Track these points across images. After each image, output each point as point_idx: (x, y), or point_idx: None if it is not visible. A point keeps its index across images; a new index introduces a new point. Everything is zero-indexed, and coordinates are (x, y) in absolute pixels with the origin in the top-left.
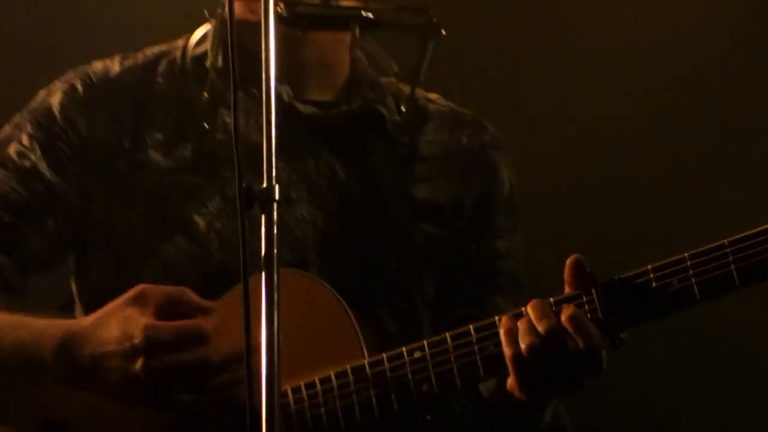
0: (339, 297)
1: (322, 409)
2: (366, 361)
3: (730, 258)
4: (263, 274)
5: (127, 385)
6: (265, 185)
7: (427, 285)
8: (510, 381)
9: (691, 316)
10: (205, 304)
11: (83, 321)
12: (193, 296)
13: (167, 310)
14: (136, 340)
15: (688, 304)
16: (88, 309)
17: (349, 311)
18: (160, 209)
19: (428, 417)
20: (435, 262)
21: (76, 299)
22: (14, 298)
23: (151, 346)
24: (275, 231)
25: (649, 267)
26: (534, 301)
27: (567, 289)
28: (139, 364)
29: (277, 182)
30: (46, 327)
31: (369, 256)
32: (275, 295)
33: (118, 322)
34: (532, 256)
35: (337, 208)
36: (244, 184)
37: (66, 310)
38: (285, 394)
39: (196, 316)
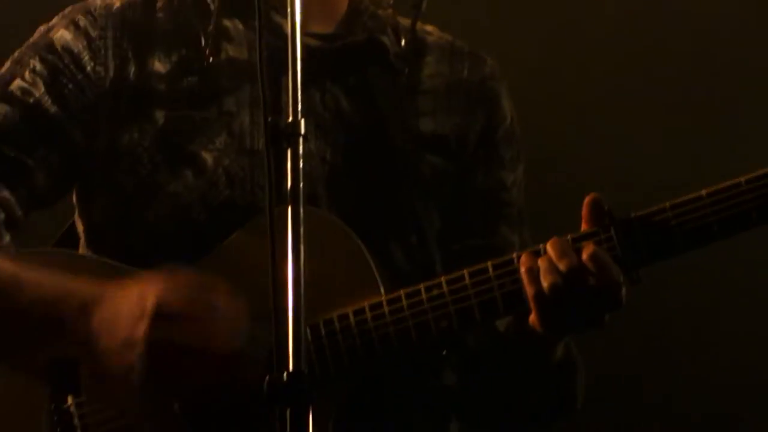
0: (353, 233)
1: (342, 347)
2: (384, 298)
3: (747, 196)
4: (289, 207)
5: (125, 353)
6: (290, 119)
7: (433, 217)
8: (531, 318)
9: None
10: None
11: (108, 286)
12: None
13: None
14: (149, 304)
15: (706, 241)
16: (94, 247)
17: (363, 247)
18: (166, 145)
19: (444, 352)
20: (440, 194)
21: (82, 237)
22: (19, 233)
23: (158, 312)
24: (301, 165)
25: (666, 204)
26: (554, 240)
27: (584, 227)
28: (142, 328)
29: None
30: (71, 289)
31: (377, 189)
32: (301, 229)
33: (139, 287)
34: (546, 194)
35: (343, 140)
36: (269, 119)
37: (62, 246)
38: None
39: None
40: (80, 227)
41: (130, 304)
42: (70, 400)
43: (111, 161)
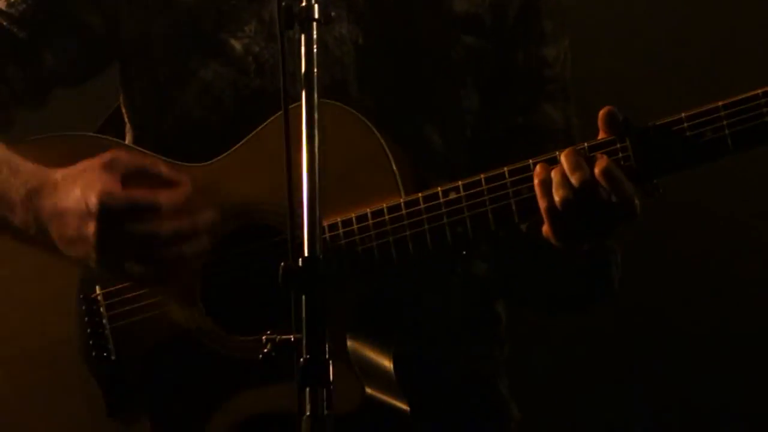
0: (375, 130)
1: (359, 247)
2: (402, 200)
3: (765, 108)
4: (303, 93)
5: (78, 245)
6: (304, 3)
7: (471, 97)
8: (545, 229)
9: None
10: (175, 178)
11: (55, 174)
12: (164, 168)
13: (135, 179)
14: (92, 204)
15: (721, 153)
16: (137, 132)
17: (385, 146)
18: (196, 33)
19: (464, 252)
20: (479, 73)
21: (126, 121)
22: (24, 107)
23: (104, 212)
24: (315, 50)
25: (683, 115)
26: (568, 151)
27: (601, 136)
28: (91, 227)
29: (316, 1)
30: (24, 172)
31: (411, 73)
32: (315, 115)
33: (82, 183)
34: None
35: (375, 23)
36: (283, 3)
37: (110, 127)
38: (322, 229)
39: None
40: (124, 110)
41: (75, 199)
42: (98, 289)
43: (143, 49)
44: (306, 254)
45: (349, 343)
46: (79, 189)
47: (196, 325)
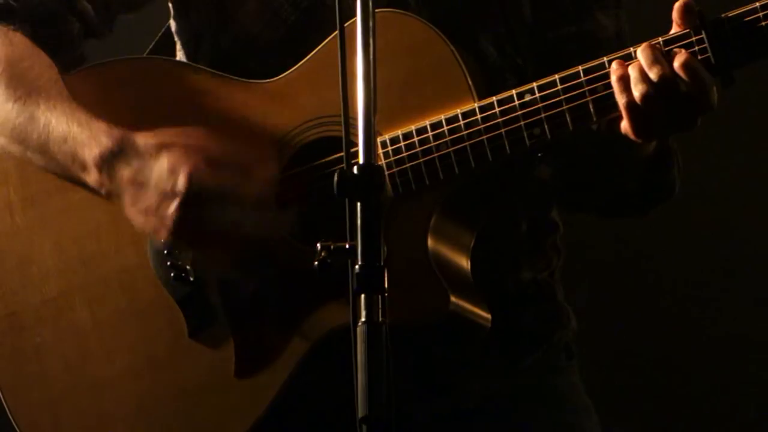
0: (442, 35)
1: (435, 154)
2: (476, 105)
3: None
4: (358, 1)
5: (151, 220)
6: None
7: (524, 8)
8: (624, 125)
9: None
10: (270, 171)
11: (133, 138)
12: (252, 160)
13: (222, 166)
14: (180, 184)
15: None
16: (191, 51)
17: (454, 50)
18: None
19: (539, 155)
20: None
21: (177, 39)
22: (100, 39)
23: (189, 196)
24: None
25: (757, 4)
26: (645, 45)
27: (676, 29)
28: (172, 208)
29: None
30: (97, 130)
31: None
32: (371, 23)
33: (168, 158)
34: None
35: None
36: None
37: (159, 51)
38: (396, 139)
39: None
40: (175, 30)
41: (160, 173)
42: None
43: None
44: (361, 161)
45: (430, 245)
46: (165, 164)
47: (274, 239)
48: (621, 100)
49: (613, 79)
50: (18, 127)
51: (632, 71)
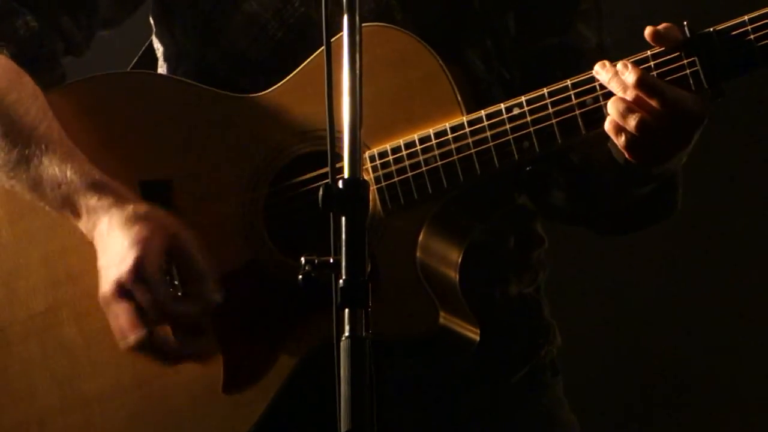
0: (430, 49)
1: (423, 168)
2: (465, 119)
3: None
4: (345, 16)
5: (102, 276)
6: None
7: (508, 21)
8: (617, 151)
9: None
10: (204, 291)
11: (126, 204)
12: (205, 281)
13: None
14: (124, 264)
15: None
16: (173, 67)
17: (442, 63)
18: None
19: (528, 168)
20: None
21: (160, 57)
22: (79, 57)
23: (127, 275)
24: None
25: (746, 18)
26: (641, 77)
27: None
28: (113, 275)
29: None
30: (95, 182)
31: None
32: (357, 38)
33: (135, 235)
34: None
35: None
36: None
37: (141, 67)
38: (385, 153)
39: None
40: (158, 47)
41: (120, 245)
42: None
43: None
44: (346, 175)
45: (419, 260)
46: (128, 239)
47: (261, 254)
48: (620, 141)
49: (607, 126)
50: (8, 164)
51: (628, 101)
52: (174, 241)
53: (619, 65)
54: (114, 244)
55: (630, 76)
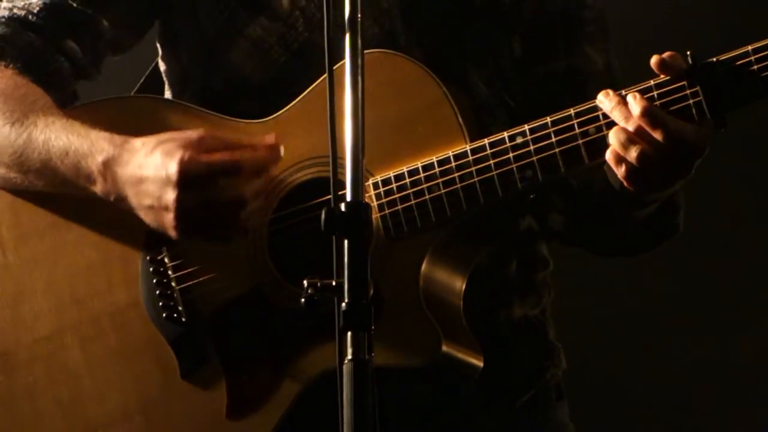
0: (434, 75)
1: (427, 196)
2: (468, 147)
3: None
4: (347, 36)
5: (158, 212)
6: None
7: (514, 45)
8: (614, 178)
9: None
10: (253, 143)
11: (133, 141)
12: (247, 142)
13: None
14: (172, 171)
15: None
16: (179, 90)
17: (445, 90)
18: None
19: (531, 196)
20: (519, 20)
21: (165, 80)
22: (89, 80)
23: (184, 179)
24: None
25: (749, 48)
26: (644, 108)
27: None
28: (171, 195)
29: None
30: (96, 139)
31: (455, 20)
32: (359, 61)
33: (163, 150)
34: None
35: None
36: None
37: (147, 89)
38: (388, 180)
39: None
40: (164, 70)
41: (155, 166)
42: (164, 251)
43: (190, 8)
44: (349, 199)
45: (422, 288)
46: (159, 156)
47: (265, 280)
48: (620, 172)
49: (608, 155)
50: (18, 150)
51: (630, 130)
52: (199, 140)
53: (624, 94)
54: (148, 173)
55: (634, 106)
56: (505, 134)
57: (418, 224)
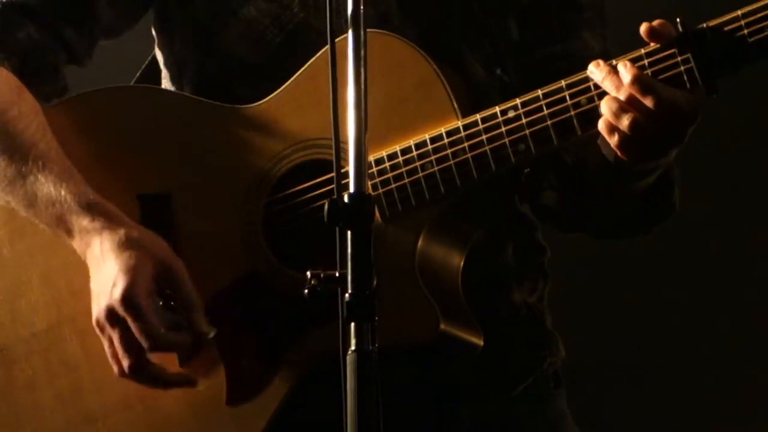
0: (425, 54)
1: (420, 174)
2: (460, 123)
3: None
4: (350, 31)
5: (93, 299)
6: None
7: (511, 28)
8: (607, 149)
9: None
10: (196, 323)
11: (119, 228)
12: (195, 315)
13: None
14: (115, 291)
15: None
16: (175, 77)
17: (436, 68)
18: None
19: (525, 170)
20: (518, 3)
21: (162, 68)
22: (81, 66)
23: (116, 304)
24: None
25: (739, 13)
26: (634, 76)
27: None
28: (103, 302)
29: None
30: (89, 203)
31: (450, 2)
32: (362, 52)
33: (126, 261)
34: None
35: None
36: None
37: (145, 80)
38: (381, 160)
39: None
40: (160, 58)
41: (110, 271)
42: None
43: None
44: (352, 189)
45: (418, 266)
46: (118, 266)
47: (261, 264)
48: (613, 140)
49: (602, 119)
50: (4, 180)
51: (623, 96)
52: (164, 269)
53: (614, 64)
54: (105, 269)
55: (624, 74)
56: (497, 109)
57: (412, 202)
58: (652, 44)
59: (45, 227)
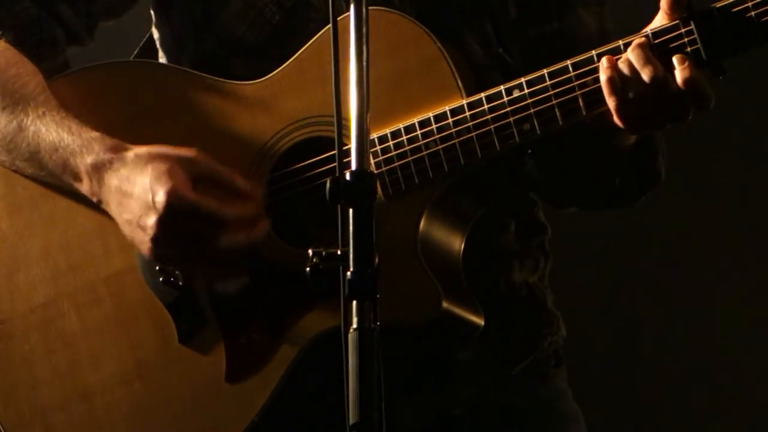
0: (429, 32)
1: (424, 152)
2: (465, 102)
3: None
4: (351, 6)
5: (135, 229)
6: None
7: (509, 5)
8: (615, 118)
9: None
10: (248, 190)
11: (125, 152)
12: (241, 183)
13: (208, 183)
14: (158, 198)
15: None
16: (173, 56)
17: (441, 46)
18: None
19: (529, 150)
20: None
21: (159, 47)
22: (82, 46)
23: (167, 211)
24: None
25: None
26: (635, 45)
27: (663, 20)
28: (151, 220)
29: None
30: (89, 139)
31: None
32: (364, 29)
33: (154, 172)
34: None
35: None
36: None
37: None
38: (385, 138)
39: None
40: (158, 38)
41: (142, 187)
42: None
43: None
44: (354, 167)
45: (420, 245)
46: (148, 177)
47: (264, 241)
48: (611, 102)
49: (603, 79)
50: (7, 137)
51: (623, 71)
52: (191, 164)
53: (621, 45)
54: (134, 190)
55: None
56: (502, 88)
57: (415, 181)
58: (659, 24)
59: (50, 179)
